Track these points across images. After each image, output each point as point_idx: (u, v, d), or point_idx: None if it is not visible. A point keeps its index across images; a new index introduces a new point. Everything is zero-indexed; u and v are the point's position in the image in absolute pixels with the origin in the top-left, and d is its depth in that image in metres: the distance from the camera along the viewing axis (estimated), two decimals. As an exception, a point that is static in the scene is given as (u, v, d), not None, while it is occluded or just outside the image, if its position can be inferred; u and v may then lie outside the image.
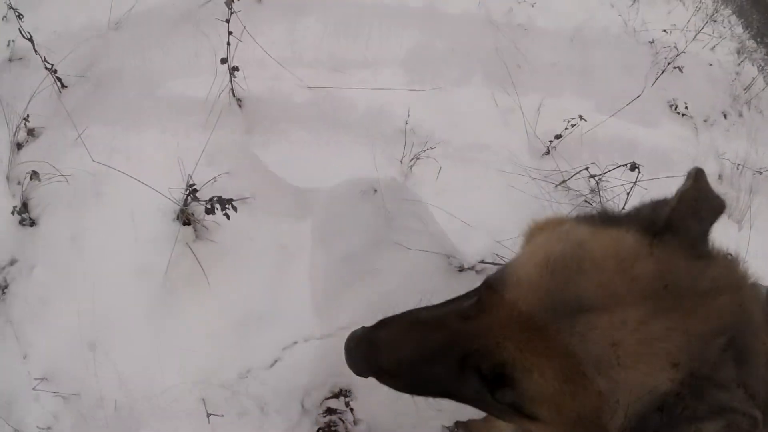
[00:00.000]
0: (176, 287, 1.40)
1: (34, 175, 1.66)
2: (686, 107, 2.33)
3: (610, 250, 0.53)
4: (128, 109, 1.66)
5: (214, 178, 1.32)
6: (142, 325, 1.46)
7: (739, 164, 2.50)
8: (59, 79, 1.87)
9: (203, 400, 1.36)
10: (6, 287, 1.69)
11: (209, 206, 1.19)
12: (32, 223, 1.72)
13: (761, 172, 2.67)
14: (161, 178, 1.41)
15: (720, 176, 2.39)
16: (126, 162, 1.49)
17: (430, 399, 0.65)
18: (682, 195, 0.54)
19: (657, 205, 0.58)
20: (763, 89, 3.30)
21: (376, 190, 1.40)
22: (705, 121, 2.51)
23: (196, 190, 1.27)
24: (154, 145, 1.53)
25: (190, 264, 1.38)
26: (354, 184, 1.40)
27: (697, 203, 0.54)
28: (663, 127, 2.19)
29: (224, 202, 1.15)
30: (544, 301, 0.51)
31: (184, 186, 1.31)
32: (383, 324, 0.61)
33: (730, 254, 0.60)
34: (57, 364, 1.55)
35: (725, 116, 2.73)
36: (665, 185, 1.72)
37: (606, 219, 0.60)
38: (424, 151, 1.39)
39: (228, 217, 1.16)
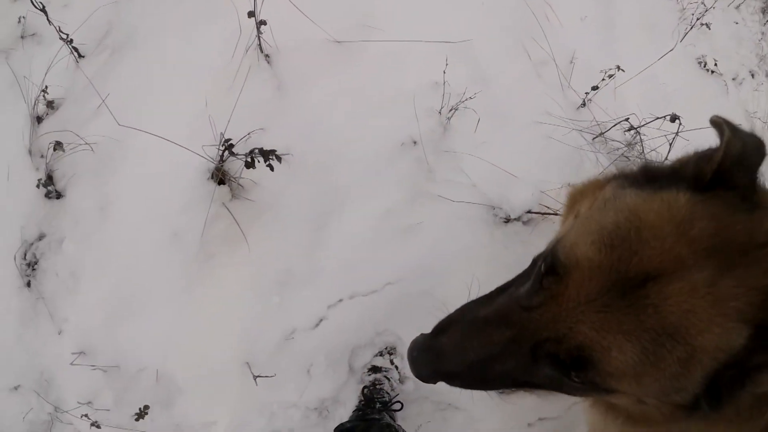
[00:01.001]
0: (213, 250, 1.38)
1: (58, 145, 1.62)
2: (715, 64, 2.28)
3: (666, 214, 0.51)
4: (150, 72, 1.61)
5: (249, 133, 1.28)
6: (179, 292, 1.44)
7: (768, 123, 2.45)
8: (76, 49, 1.81)
9: (248, 363, 1.35)
10: (36, 263, 1.67)
11: (249, 159, 1.15)
12: (58, 195, 1.68)
13: (788, 131, 2.62)
14: (192, 138, 1.37)
15: (750, 135, 2.34)
16: (153, 124, 1.44)
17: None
18: (727, 145, 0.52)
19: (701, 159, 0.56)
20: (790, 49, 3.22)
21: (415, 142, 1.36)
22: (734, 79, 2.46)
23: (232, 145, 1.23)
24: (182, 106, 1.49)
25: (226, 225, 1.35)
26: (392, 137, 1.36)
27: (743, 152, 0.52)
28: (694, 84, 2.14)
29: (267, 154, 1.11)
30: (609, 277, 0.50)
31: (218, 143, 1.27)
32: (442, 329, 0.60)
33: None
34: (93, 338, 1.54)
35: (753, 75, 2.67)
36: (707, 136, 1.68)
37: (650, 177, 0.59)
38: (463, 102, 1.35)
39: (272, 169, 1.13)
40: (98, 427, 1.45)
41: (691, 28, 2.20)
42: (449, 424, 1.32)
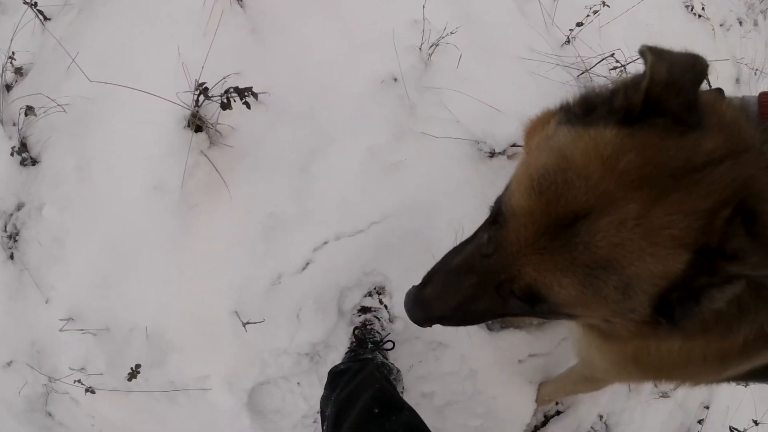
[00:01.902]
0: (195, 200, 1.35)
1: (29, 110, 1.57)
2: (703, 8, 2.24)
3: (592, 152, 0.52)
4: (120, 25, 1.55)
5: (224, 78, 1.24)
6: (163, 246, 1.41)
7: (756, 70, 2.44)
8: (41, 12, 1.74)
9: (236, 312, 1.34)
10: (17, 234, 1.63)
11: (225, 99, 1.11)
12: (34, 161, 1.64)
13: (774, 78, 2.61)
14: (166, 88, 1.32)
15: (737, 80, 2.34)
16: (126, 78, 1.39)
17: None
18: (651, 72, 0.51)
19: (630, 88, 0.54)
20: (780, 1, 3.19)
21: (396, 80, 1.32)
22: (721, 25, 2.43)
23: (207, 88, 1.19)
24: (154, 57, 1.43)
25: (207, 173, 1.32)
26: (372, 74, 1.32)
27: (670, 76, 0.50)
28: (680, 27, 2.11)
29: (242, 91, 1.07)
30: (542, 222, 0.52)
31: (192, 89, 1.23)
32: (427, 280, 0.67)
33: (736, 110, 0.57)
34: (81, 302, 1.51)
35: (740, 23, 2.64)
36: None
37: (588, 109, 0.58)
38: (443, 37, 1.31)
39: (248, 106, 1.09)
40: (93, 392, 1.44)
41: (679, -31, 2.16)
42: (441, 362, 1.33)
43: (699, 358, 0.67)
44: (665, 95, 0.51)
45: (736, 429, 1.76)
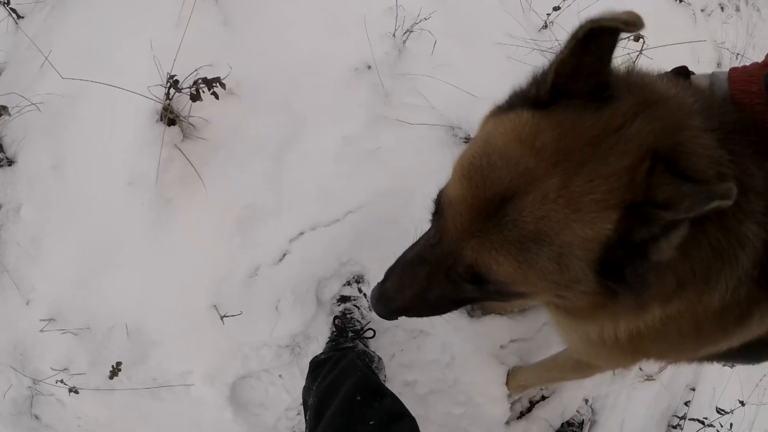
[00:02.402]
0: (170, 194, 1.33)
1: (3, 110, 1.54)
2: (684, -7, 2.24)
3: (511, 134, 0.54)
4: (93, 20, 1.53)
5: (196, 70, 1.23)
6: (141, 242, 1.40)
7: (737, 54, 2.44)
8: (14, 11, 1.72)
9: (215, 306, 1.33)
10: (-5, 236, 1.61)
11: (194, 91, 1.10)
12: (9, 162, 1.62)
13: (748, 66, 2.62)
14: (138, 81, 1.31)
15: (719, 64, 2.34)
16: (99, 72, 1.38)
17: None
18: (557, 67, 0.53)
19: (539, 79, 0.57)
20: (761, -14, 3.19)
21: (369, 67, 1.31)
22: (702, 10, 2.43)
23: (177, 81, 1.17)
24: (127, 50, 1.42)
25: (181, 166, 1.30)
26: (346, 63, 1.31)
27: (578, 64, 0.52)
28: (661, 12, 2.10)
29: (210, 82, 1.06)
30: (473, 207, 0.55)
31: (164, 81, 1.22)
32: (387, 276, 0.70)
33: (646, 73, 0.61)
34: (62, 302, 1.50)
35: (722, 9, 2.65)
36: (671, 52, 1.65)
37: (512, 102, 0.60)
38: (417, 23, 1.30)
39: (217, 97, 1.08)
40: (76, 392, 1.43)
41: (658, -45, 2.15)
42: (423, 350, 1.32)
43: (674, 328, 0.68)
44: (572, 84, 0.53)
45: (723, 410, 1.77)
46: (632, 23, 0.48)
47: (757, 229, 0.58)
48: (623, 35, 0.51)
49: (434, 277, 0.62)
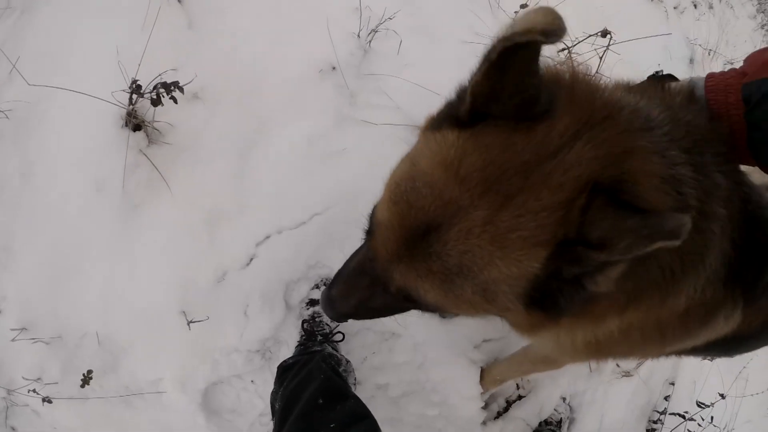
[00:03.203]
0: (137, 199, 1.32)
1: (-30, 117, 1.53)
2: (656, -9, 2.27)
3: (436, 158, 0.50)
4: (60, 25, 1.51)
5: (159, 75, 1.22)
6: (110, 248, 1.38)
7: (710, 50, 2.47)
8: (-18, 17, 1.69)
9: (184, 312, 1.31)
10: (-37, 247, 1.59)
11: (154, 96, 1.09)
12: (-22, 170, 1.59)
13: (732, 63, 2.66)
14: (104, 87, 1.30)
15: (691, 60, 2.36)
16: (65, 78, 1.37)
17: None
18: (473, 90, 0.48)
19: (460, 95, 0.52)
20: (734, -15, 3.24)
21: (334, 68, 1.31)
22: (675, 8, 2.46)
23: (140, 86, 1.16)
24: (93, 55, 1.41)
25: (147, 171, 1.29)
26: (310, 64, 1.31)
27: (496, 85, 0.46)
28: (633, 9, 2.12)
29: (168, 86, 1.05)
30: (400, 233, 0.52)
31: (128, 87, 1.21)
32: (333, 282, 0.69)
33: (590, 80, 0.53)
34: (33, 311, 1.48)
35: (695, 6, 2.68)
36: (638, 47, 1.65)
37: (444, 116, 0.55)
38: (382, 23, 1.30)
39: (175, 101, 1.07)
40: (50, 402, 1.41)
41: (630, -46, 2.17)
42: (395, 352, 1.32)
43: (637, 332, 0.66)
44: (494, 105, 0.48)
45: (703, 403, 1.78)
46: (552, 32, 0.42)
47: (721, 233, 0.56)
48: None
49: (374, 288, 0.61)
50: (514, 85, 0.46)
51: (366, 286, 0.62)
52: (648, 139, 0.51)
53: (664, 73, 0.79)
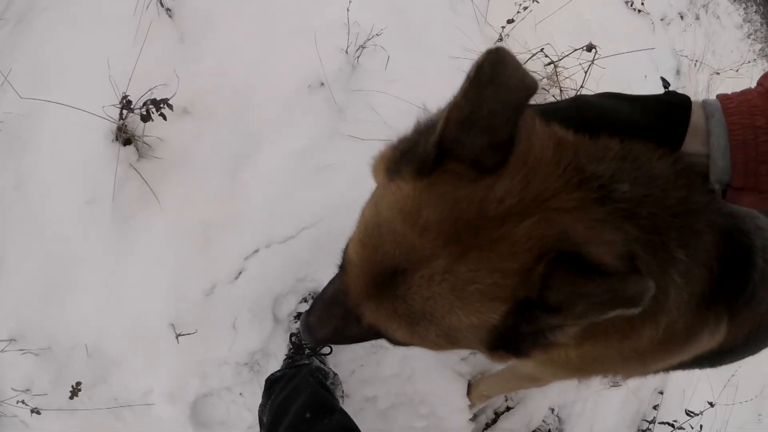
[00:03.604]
0: (128, 213, 1.33)
1: (-36, 129, 1.54)
2: (642, 3, 2.30)
3: (396, 206, 0.51)
4: (53, 37, 1.53)
5: (150, 90, 1.23)
6: (100, 260, 1.39)
7: (696, 61, 2.51)
8: (-24, 29, 1.70)
9: (173, 324, 1.32)
10: (-44, 256, 1.58)
11: (144, 112, 1.10)
12: (-29, 182, 1.60)
13: (718, 73, 2.70)
14: (95, 101, 1.31)
15: (678, 71, 2.40)
16: (57, 91, 1.38)
17: None
18: (449, 112, 0.45)
19: (423, 134, 0.51)
20: (720, -5, 3.29)
21: (323, 84, 1.33)
22: (662, 19, 2.50)
23: (130, 102, 1.18)
24: (85, 68, 1.42)
25: (137, 186, 1.30)
26: (299, 80, 1.32)
27: (477, 108, 0.44)
28: (620, 22, 2.16)
29: (158, 103, 1.06)
30: (368, 274, 0.53)
31: (119, 101, 1.22)
32: (311, 309, 0.70)
33: (553, 133, 0.51)
34: (23, 322, 1.48)
35: (682, 17, 2.73)
36: (622, 62, 1.67)
37: (403, 155, 0.53)
38: (370, 39, 1.32)
39: (164, 118, 1.08)
40: (38, 413, 1.41)
41: (618, -33, 2.21)
42: (383, 365, 1.33)
43: (615, 356, 0.65)
44: (462, 136, 0.46)
45: (692, 412, 1.79)
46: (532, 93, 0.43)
47: (680, 277, 0.54)
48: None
49: (347, 319, 0.62)
50: (489, 116, 0.45)
51: (340, 316, 0.63)
52: (604, 210, 0.49)
53: (668, 88, 0.66)
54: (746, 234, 0.62)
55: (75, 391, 1.38)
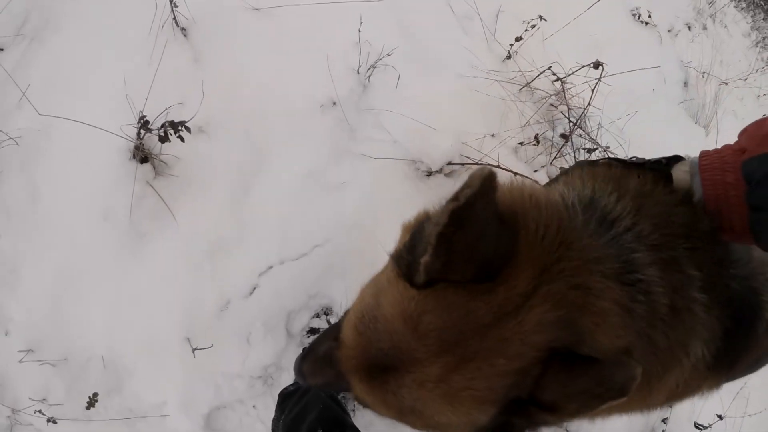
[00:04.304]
0: (143, 228, 1.36)
1: (-16, 144, 1.57)
2: (649, 16, 2.31)
3: (397, 308, 0.51)
4: (70, 55, 1.57)
5: (166, 109, 1.26)
6: (116, 274, 1.42)
7: (704, 72, 2.51)
8: (-5, 44, 1.75)
9: (188, 338, 1.35)
10: (-28, 267, 1.62)
11: (162, 133, 1.13)
12: (-12, 194, 1.63)
13: (726, 83, 2.69)
14: (112, 119, 1.34)
15: (685, 83, 2.40)
16: (74, 109, 1.41)
17: None
18: (425, 267, 0.46)
19: (410, 248, 0.51)
20: (728, 5, 3.29)
21: (335, 103, 1.35)
22: (669, 31, 2.51)
23: (147, 122, 1.21)
24: (102, 88, 1.46)
25: (153, 202, 1.33)
26: (311, 99, 1.35)
27: (451, 254, 0.45)
28: (627, 35, 2.16)
29: (176, 125, 1.09)
30: (363, 358, 0.54)
31: (136, 120, 1.25)
32: (306, 355, 0.70)
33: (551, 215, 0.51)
34: (40, 333, 1.51)
35: (689, 28, 2.73)
36: (631, 81, 1.69)
37: (409, 261, 0.52)
38: (381, 59, 1.34)
39: (182, 140, 1.11)
40: (54, 422, 1.44)
41: (625, -21, 2.22)
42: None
43: (619, 407, 0.65)
44: (449, 273, 0.47)
45: (701, 425, 1.79)
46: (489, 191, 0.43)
47: (706, 316, 0.55)
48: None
49: (339, 381, 0.62)
50: (468, 251, 0.45)
51: (333, 375, 0.63)
52: (603, 269, 0.50)
53: (667, 157, 0.67)
54: (756, 292, 0.63)
55: (92, 402, 1.40)
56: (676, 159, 0.65)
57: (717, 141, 2.11)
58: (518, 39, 1.55)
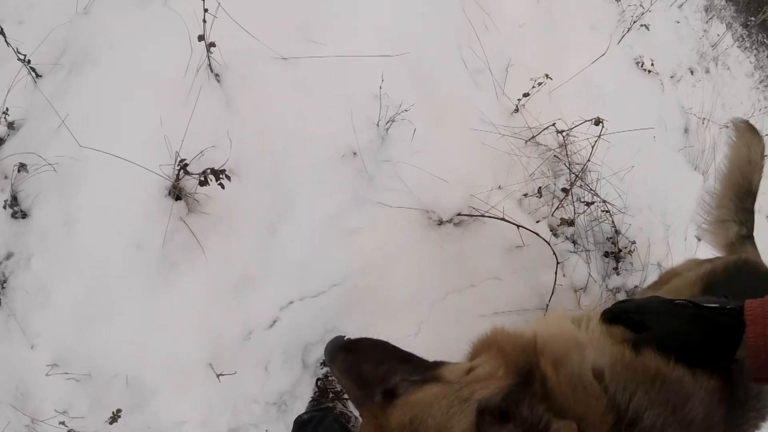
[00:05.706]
0: (174, 259, 1.46)
1: (22, 167, 1.67)
2: (652, 64, 2.42)
3: None
4: (107, 90, 1.67)
5: (201, 152, 1.37)
6: (144, 300, 1.52)
7: (704, 118, 2.61)
8: (33, 69, 1.85)
9: (211, 364, 1.45)
10: (5, 281, 1.71)
11: (203, 178, 1.24)
12: (24, 215, 1.73)
13: (727, 127, 2.77)
14: (148, 156, 1.45)
15: (686, 130, 2.49)
16: (111, 143, 1.52)
17: None
18: None
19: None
20: (731, 46, 3.40)
21: (355, 153, 1.47)
22: (672, 77, 2.60)
23: (186, 165, 1.32)
24: (138, 125, 1.56)
25: (185, 237, 1.44)
26: (334, 149, 1.46)
27: None
28: (630, 84, 2.26)
29: (218, 173, 1.20)
30: None
31: (173, 162, 1.36)
32: (349, 350, 0.76)
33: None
34: (66, 349, 1.59)
35: (692, 72, 2.82)
36: (629, 138, 1.80)
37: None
38: (399, 114, 1.46)
39: (223, 187, 1.22)
40: (74, 434, 1.53)
41: (629, 30, 2.33)
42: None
43: None
44: None
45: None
46: None
47: None
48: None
49: (358, 400, 0.70)
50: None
51: (357, 390, 0.70)
52: None
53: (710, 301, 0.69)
54: None
55: (115, 417, 1.50)
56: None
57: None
58: (525, 95, 1.66)
